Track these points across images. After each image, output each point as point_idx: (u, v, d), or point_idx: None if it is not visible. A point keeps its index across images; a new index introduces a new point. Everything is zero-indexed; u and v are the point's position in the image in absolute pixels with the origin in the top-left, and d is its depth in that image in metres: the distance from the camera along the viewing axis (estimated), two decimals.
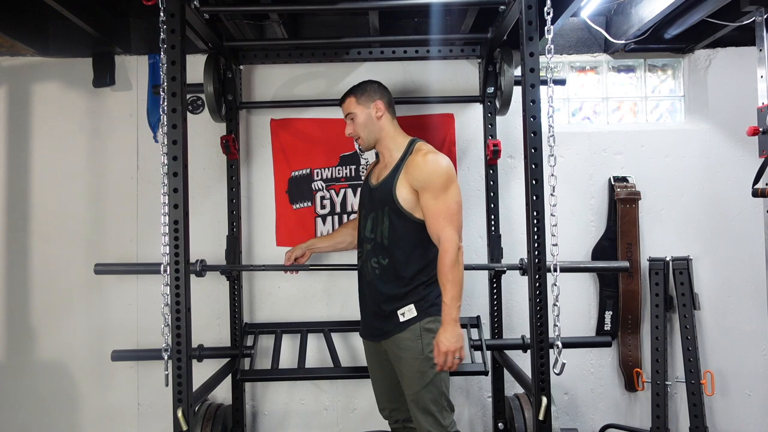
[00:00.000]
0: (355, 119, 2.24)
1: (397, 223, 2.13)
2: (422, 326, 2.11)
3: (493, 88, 2.90)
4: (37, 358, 3.05)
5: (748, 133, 2.44)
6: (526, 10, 2.00)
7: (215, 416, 2.73)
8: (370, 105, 2.22)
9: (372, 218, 2.21)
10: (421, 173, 2.09)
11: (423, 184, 2.08)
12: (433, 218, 2.06)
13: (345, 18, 3.12)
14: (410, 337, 2.10)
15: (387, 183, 2.16)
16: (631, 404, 3.10)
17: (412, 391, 2.11)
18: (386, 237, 2.14)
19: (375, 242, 2.18)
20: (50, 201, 3.07)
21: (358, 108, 2.23)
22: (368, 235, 2.22)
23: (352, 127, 2.27)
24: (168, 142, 2.00)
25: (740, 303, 3.07)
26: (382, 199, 2.17)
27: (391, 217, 2.13)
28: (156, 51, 2.97)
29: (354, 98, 2.25)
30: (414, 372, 2.09)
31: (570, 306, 3.05)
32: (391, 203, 2.13)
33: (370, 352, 2.34)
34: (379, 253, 2.16)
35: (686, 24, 2.73)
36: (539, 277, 1.99)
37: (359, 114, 2.23)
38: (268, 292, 3.09)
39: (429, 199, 2.07)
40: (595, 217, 3.12)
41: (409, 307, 2.12)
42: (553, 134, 1.98)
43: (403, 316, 2.12)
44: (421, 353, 2.09)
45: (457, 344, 2.01)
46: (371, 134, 2.24)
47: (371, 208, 2.23)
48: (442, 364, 2.02)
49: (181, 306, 2.00)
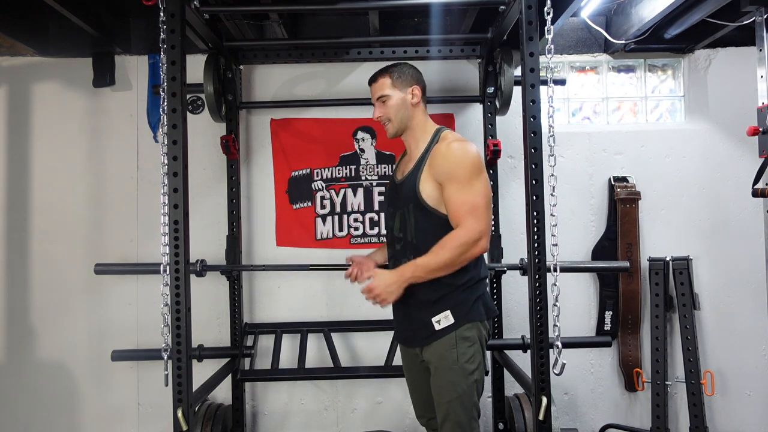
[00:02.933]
0: (388, 101, 2.02)
1: (422, 221, 1.96)
2: (459, 334, 1.93)
3: (493, 88, 2.90)
4: (37, 358, 3.05)
5: (748, 133, 2.44)
6: (526, 10, 2.00)
7: (215, 416, 2.73)
8: (407, 89, 2.03)
9: (399, 216, 2.04)
10: (445, 163, 1.91)
11: (446, 176, 1.89)
12: (455, 212, 1.88)
13: (345, 18, 3.12)
14: (446, 346, 1.93)
15: (411, 178, 1.99)
16: (631, 404, 3.10)
17: (444, 401, 1.95)
18: (414, 236, 1.97)
19: (405, 241, 2.01)
20: (50, 201, 3.07)
21: (393, 90, 2.02)
22: (397, 234, 2.05)
23: (383, 110, 2.04)
24: (168, 142, 2.00)
25: (740, 303, 3.07)
26: (406, 195, 2.00)
27: (416, 215, 1.97)
28: (156, 51, 2.97)
29: (389, 79, 2.03)
30: (447, 382, 1.93)
31: (570, 306, 3.05)
32: (414, 200, 1.96)
33: (406, 359, 2.18)
34: (410, 253, 1.98)
35: (686, 24, 2.73)
36: (539, 277, 1.99)
37: (393, 97, 2.02)
38: (268, 292, 3.09)
39: (452, 192, 1.88)
40: (595, 217, 3.12)
41: (445, 314, 1.93)
42: (553, 134, 1.98)
43: (438, 324, 1.93)
44: (456, 362, 1.92)
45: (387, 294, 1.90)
46: (402, 121, 2.04)
47: (397, 206, 2.05)
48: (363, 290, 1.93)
49: (181, 306, 2.00)
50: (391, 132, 2.07)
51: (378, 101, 2.06)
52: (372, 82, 2.09)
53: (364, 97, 3.00)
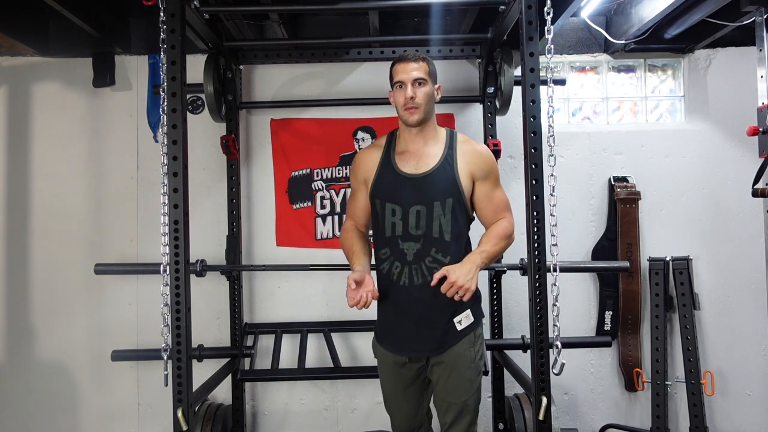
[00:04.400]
0: (424, 86, 1.95)
1: (459, 216, 1.95)
2: (476, 332, 1.98)
3: (493, 88, 2.90)
4: (37, 358, 3.05)
5: (748, 133, 2.44)
6: (526, 10, 2.00)
7: (215, 416, 2.73)
8: (435, 85, 2.01)
9: (418, 212, 1.93)
10: (485, 162, 1.99)
11: (486, 174, 1.98)
12: (496, 206, 2.00)
13: (345, 18, 3.12)
14: (465, 345, 1.95)
15: (444, 172, 1.94)
16: (631, 404, 3.10)
17: (460, 399, 1.95)
18: (448, 231, 1.92)
19: (428, 239, 1.92)
20: (50, 201, 3.07)
21: (429, 78, 1.97)
22: (413, 232, 1.93)
23: (417, 92, 1.93)
24: (168, 142, 2.00)
25: (740, 303, 3.07)
26: (440, 189, 1.93)
27: (453, 209, 1.93)
28: (156, 51, 2.97)
29: (429, 66, 1.99)
30: (464, 381, 1.95)
31: (570, 306, 3.05)
32: (455, 193, 1.93)
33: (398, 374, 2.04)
34: (439, 251, 1.92)
35: (686, 24, 2.73)
36: (539, 277, 1.98)
37: (428, 85, 1.96)
38: (268, 292, 3.09)
39: (489, 188, 1.99)
40: (595, 217, 3.12)
41: (466, 313, 1.95)
42: (553, 134, 1.98)
43: (460, 324, 1.94)
44: (473, 361, 1.96)
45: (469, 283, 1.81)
46: (428, 111, 1.98)
47: (415, 200, 1.94)
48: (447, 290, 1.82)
49: (181, 306, 2.00)
50: (416, 118, 1.94)
51: (414, 83, 1.94)
52: (411, 60, 1.96)
53: (365, 97, 3.02)
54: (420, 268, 1.92)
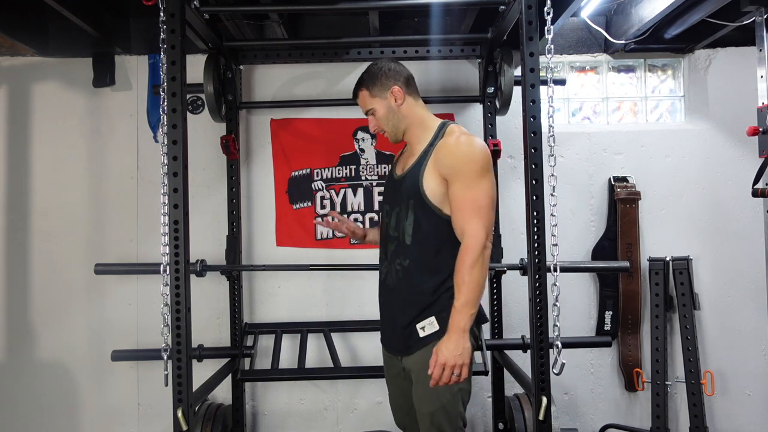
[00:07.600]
0: (376, 114, 1.94)
1: (422, 219, 1.83)
2: None
3: (493, 88, 2.90)
4: (37, 358, 3.05)
5: (748, 133, 2.44)
6: (526, 10, 2.00)
7: (215, 416, 2.73)
8: (387, 94, 1.92)
9: (396, 214, 1.92)
10: (452, 158, 1.80)
11: (453, 171, 1.79)
12: (459, 210, 1.78)
13: (345, 18, 3.12)
14: (429, 354, 1.79)
15: (413, 172, 1.87)
16: (631, 404, 3.10)
17: (427, 411, 1.84)
18: (409, 234, 1.85)
19: (398, 242, 1.90)
20: (50, 201, 3.07)
21: (375, 101, 1.93)
22: (392, 233, 1.93)
23: (375, 123, 1.97)
24: (168, 142, 2.00)
25: (740, 303, 3.07)
26: (407, 190, 1.87)
27: (415, 212, 1.84)
28: (156, 51, 2.97)
29: (366, 91, 1.94)
30: (429, 392, 1.81)
31: (570, 306, 3.05)
32: (416, 196, 1.83)
33: (387, 365, 2.07)
34: (401, 254, 1.88)
35: (686, 24, 2.73)
36: (539, 277, 1.98)
37: (378, 108, 1.93)
38: (268, 292, 3.09)
39: (458, 189, 1.78)
40: (595, 217, 3.12)
41: (430, 320, 1.82)
42: (553, 134, 1.98)
43: (423, 330, 1.83)
44: None
45: (461, 359, 1.70)
46: (396, 127, 1.94)
47: (395, 203, 1.93)
48: (437, 378, 1.72)
49: (181, 306, 2.00)
50: (391, 140, 1.99)
51: (368, 115, 1.99)
52: (354, 97, 2.01)
53: None
54: (393, 268, 1.92)
